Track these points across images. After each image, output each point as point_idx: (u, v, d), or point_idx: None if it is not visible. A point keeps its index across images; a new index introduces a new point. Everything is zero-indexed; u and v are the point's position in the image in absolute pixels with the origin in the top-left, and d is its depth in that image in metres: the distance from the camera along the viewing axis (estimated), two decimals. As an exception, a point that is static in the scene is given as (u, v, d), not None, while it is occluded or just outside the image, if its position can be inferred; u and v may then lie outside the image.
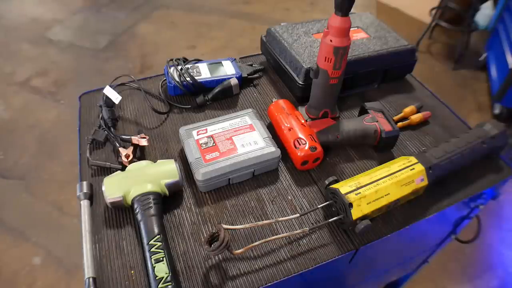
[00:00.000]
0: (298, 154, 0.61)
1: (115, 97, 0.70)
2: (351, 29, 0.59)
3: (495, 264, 1.52)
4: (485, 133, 0.65)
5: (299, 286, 0.61)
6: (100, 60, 2.47)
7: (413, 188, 0.56)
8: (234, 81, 0.77)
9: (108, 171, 0.63)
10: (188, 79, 0.75)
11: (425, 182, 0.58)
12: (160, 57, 2.49)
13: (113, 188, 0.55)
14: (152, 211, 0.53)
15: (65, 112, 2.09)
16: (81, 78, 2.33)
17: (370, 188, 0.54)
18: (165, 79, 0.79)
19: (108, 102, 0.71)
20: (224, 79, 0.77)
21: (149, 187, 0.55)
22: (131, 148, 0.64)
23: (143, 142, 0.64)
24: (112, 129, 0.68)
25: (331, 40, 0.58)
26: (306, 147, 0.61)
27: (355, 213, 0.52)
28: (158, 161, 0.60)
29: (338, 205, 0.55)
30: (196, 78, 0.75)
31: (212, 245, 0.49)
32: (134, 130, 0.71)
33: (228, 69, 0.80)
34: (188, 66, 0.78)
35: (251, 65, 0.85)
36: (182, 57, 0.81)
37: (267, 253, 0.53)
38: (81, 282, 0.49)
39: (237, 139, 0.62)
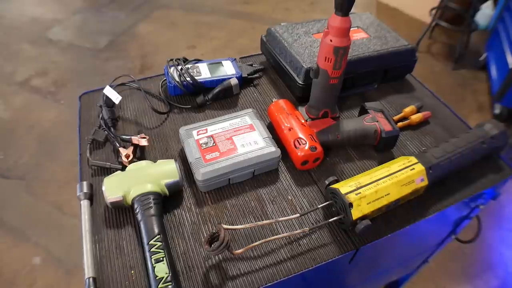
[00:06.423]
0: (298, 154, 0.61)
1: (115, 97, 0.70)
2: (351, 29, 0.59)
3: (495, 264, 1.52)
4: (485, 133, 0.65)
5: (299, 286, 0.61)
6: (100, 60, 2.47)
7: (413, 188, 0.56)
8: (234, 81, 0.77)
9: (108, 171, 0.63)
10: (188, 79, 0.74)
11: (425, 182, 0.58)
12: (160, 57, 2.49)
13: (113, 188, 0.55)
14: (152, 211, 0.53)
15: (65, 112, 2.09)
16: (81, 78, 2.33)
17: (370, 188, 0.54)
18: (165, 79, 0.79)
19: (108, 102, 0.71)
20: (224, 79, 0.77)
21: (149, 187, 0.55)
22: (131, 148, 0.64)
23: (143, 142, 0.64)
24: (112, 129, 0.68)
25: (331, 40, 0.58)
26: (306, 147, 0.61)
27: (355, 213, 0.52)
28: (158, 161, 0.60)
29: (338, 205, 0.55)
30: (196, 78, 0.75)
31: (212, 245, 0.49)
32: (134, 130, 0.71)
33: (228, 69, 0.80)
34: (188, 66, 0.78)
35: (251, 65, 0.85)
36: (182, 57, 0.81)
37: (267, 253, 0.53)
38: (81, 282, 0.49)
39: (237, 139, 0.62)
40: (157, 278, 0.47)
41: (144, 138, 0.65)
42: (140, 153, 0.67)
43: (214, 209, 0.59)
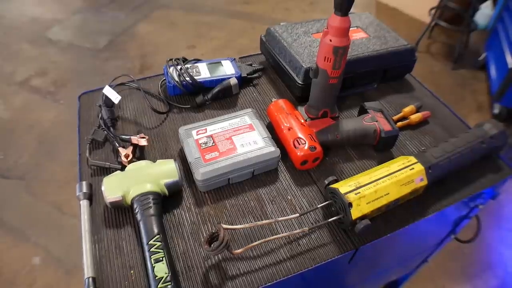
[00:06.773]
0: (298, 153, 0.61)
1: (115, 97, 0.70)
2: (350, 29, 0.59)
3: (495, 264, 1.52)
4: (485, 133, 0.65)
5: (299, 286, 0.61)
6: (100, 60, 2.47)
7: (412, 188, 0.56)
8: (233, 81, 0.77)
9: (108, 171, 0.63)
10: (187, 79, 0.75)
11: (425, 182, 0.58)
12: (160, 57, 2.49)
13: (113, 188, 0.55)
14: (151, 211, 0.53)
15: (65, 112, 2.09)
16: (81, 78, 2.33)
17: (370, 188, 0.54)
18: (165, 79, 0.79)
19: (108, 102, 0.71)
20: (224, 79, 0.77)
21: (148, 187, 0.55)
22: (131, 148, 0.64)
23: (143, 142, 0.64)
24: (111, 129, 0.68)
25: (330, 40, 0.58)
26: (306, 147, 0.61)
27: (355, 213, 0.52)
28: (158, 161, 0.60)
29: (338, 205, 0.55)
30: (195, 78, 0.75)
31: (212, 245, 0.49)
32: (133, 130, 0.71)
33: (227, 69, 0.80)
34: (188, 66, 0.78)
35: (250, 64, 0.85)
36: (182, 57, 0.80)
37: (267, 253, 0.53)
38: (81, 282, 0.49)
39: (237, 139, 0.62)
40: (156, 278, 0.47)
41: (143, 138, 0.65)
42: (139, 153, 0.67)
43: (213, 209, 0.59)
